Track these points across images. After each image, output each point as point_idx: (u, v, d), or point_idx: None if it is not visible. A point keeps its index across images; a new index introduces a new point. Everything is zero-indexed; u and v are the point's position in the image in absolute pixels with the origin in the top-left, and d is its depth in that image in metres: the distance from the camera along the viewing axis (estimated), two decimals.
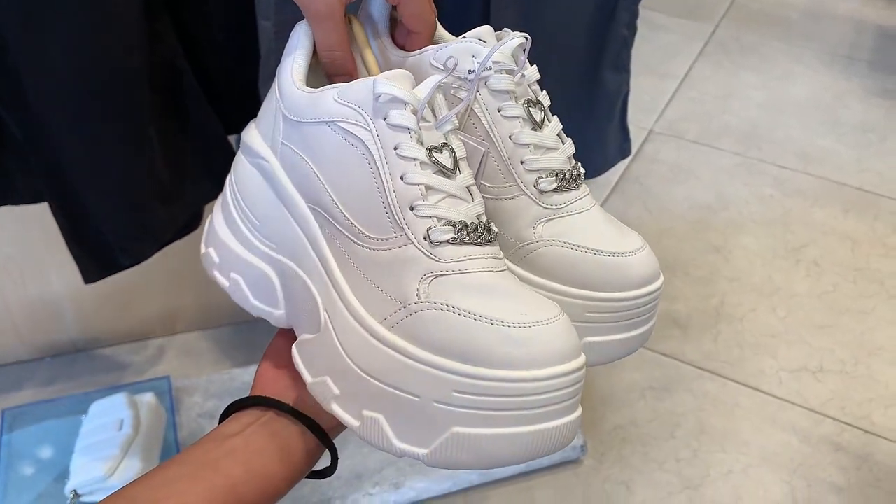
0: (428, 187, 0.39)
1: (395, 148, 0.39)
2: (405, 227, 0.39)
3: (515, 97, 0.45)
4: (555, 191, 0.44)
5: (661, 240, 1.31)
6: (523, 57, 0.45)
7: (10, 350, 1.03)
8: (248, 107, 0.57)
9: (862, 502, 0.95)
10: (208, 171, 0.72)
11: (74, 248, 0.70)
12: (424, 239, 0.38)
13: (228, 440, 0.40)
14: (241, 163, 0.48)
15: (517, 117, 0.44)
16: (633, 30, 0.79)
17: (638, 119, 1.55)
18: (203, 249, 0.49)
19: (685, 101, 1.65)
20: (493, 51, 0.43)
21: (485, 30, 0.45)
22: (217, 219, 0.49)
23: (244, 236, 0.47)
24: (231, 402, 0.43)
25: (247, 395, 0.43)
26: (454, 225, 0.39)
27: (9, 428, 0.93)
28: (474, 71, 0.44)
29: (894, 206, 1.41)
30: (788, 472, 0.98)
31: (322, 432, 0.42)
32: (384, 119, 0.40)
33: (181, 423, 0.95)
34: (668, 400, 1.06)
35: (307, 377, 0.40)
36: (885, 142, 1.59)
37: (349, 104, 0.41)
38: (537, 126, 0.45)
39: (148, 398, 0.92)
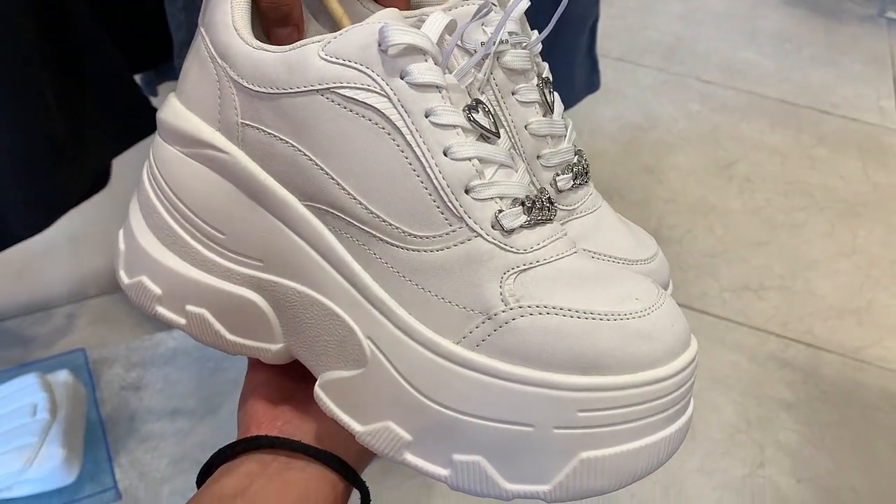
0: (481, 160, 0.31)
1: (428, 115, 0.31)
2: (465, 217, 0.30)
3: (530, 77, 0.37)
4: (571, 189, 0.37)
5: (593, 163, 1.26)
6: (527, 24, 0.37)
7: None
8: (157, 39, 0.47)
9: (811, 416, 0.96)
10: (113, 120, 0.62)
11: None
12: (493, 227, 0.30)
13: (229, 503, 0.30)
14: (169, 155, 0.36)
15: (533, 102, 0.36)
16: None
17: None
18: (125, 279, 0.37)
19: (606, 18, 1.60)
20: (507, 14, 0.34)
21: None
22: (140, 233, 0.37)
23: (200, 257, 0.35)
24: (218, 449, 0.33)
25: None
26: (522, 203, 0.31)
27: None
28: (486, 43, 0.34)
29: (815, 117, 1.41)
30: (738, 392, 0.98)
31: (351, 471, 0.34)
32: (403, 77, 0.30)
33: (103, 398, 0.87)
34: None
35: (355, 427, 0.31)
36: (801, 52, 1.58)
37: (347, 62, 0.31)
38: (549, 110, 0.37)
39: (63, 376, 0.82)
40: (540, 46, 0.38)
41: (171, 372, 0.91)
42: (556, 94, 0.38)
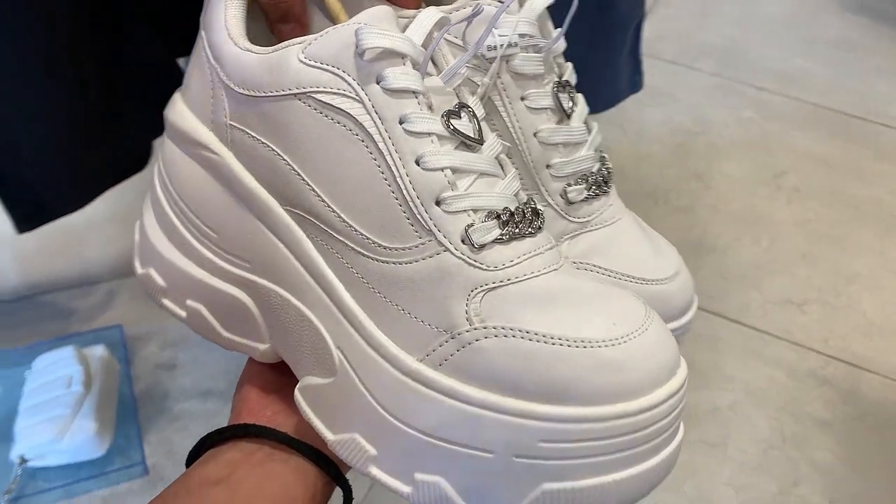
0: (455, 170, 0.30)
1: (402, 122, 0.29)
2: (434, 230, 0.29)
3: (542, 80, 0.35)
4: (585, 200, 0.36)
5: (640, 167, 1.25)
6: (549, 21, 0.35)
7: None
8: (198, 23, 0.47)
9: (848, 436, 0.93)
10: (154, 101, 0.62)
11: (2, 192, 0.60)
12: (463, 242, 0.29)
13: (210, 490, 0.30)
14: (172, 154, 0.36)
15: (545, 108, 0.35)
16: None
17: None
18: (139, 269, 0.38)
19: (661, 19, 1.57)
20: (496, 18, 0.32)
21: None
22: (151, 227, 0.38)
23: (198, 255, 0.36)
24: (208, 433, 0.34)
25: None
26: (497, 216, 0.30)
27: None
28: (495, 47, 0.33)
29: (873, 129, 1.37)
30: (775, 407, 0.95)
31: (333, 466, 0.34)
32: (379, 83, 0.29)
33: (137, 375, 0.88)
34: None
35: (327, 434, 0.31)
36: (862, 61, 1.53)
37: (324, 65, 0.30)
38: (566, 116, 0.35)
39: (99, 351, 0.84)
40: (561, 48, 0.36)
41: (204, 353, 0.92)
42: (579, 97, 0.37)
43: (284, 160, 0.31)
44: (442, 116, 0.30)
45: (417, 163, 0.29)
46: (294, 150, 0.31)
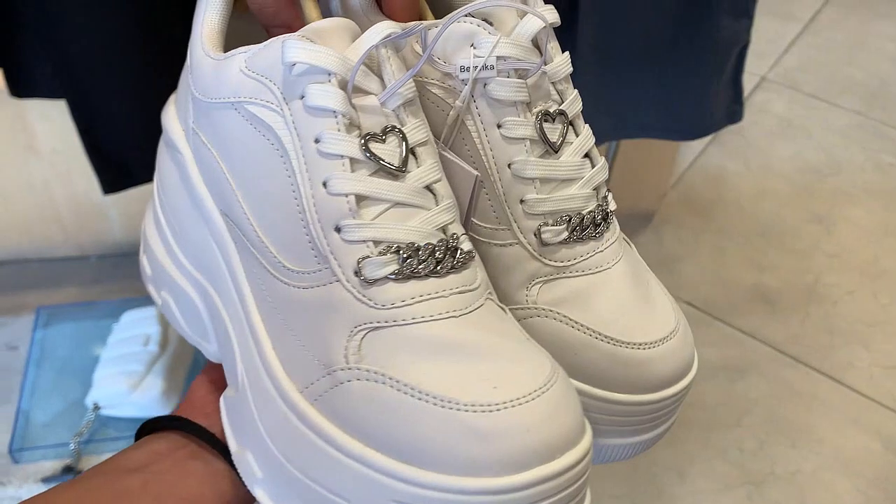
0: (360, 197, 0.28)
1: (317, 141, 0.28)
2: (330, 258, 0.28)
3: (526, 108, 0.32)
4: (564, 242, 0.32)
5: (758, 202, 1.18)
6: (552, 43, 0.32)
7: (54, 246, 1.01)
8: None
9: None
10: None
11: (92, 154, 0.63)
12: (356, 274, 0.27)
13: (125, 478, 0.30)
14: (161, 149, 0.37)
15: (523, 139, 0.32)
16: None
17: (750, 64, 1.39)
18: (140, 254, 0.39)
19: (807, 48, 1.48)
20: (437, 37, 0.30)
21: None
22: (147, 220, 0.38)
23: (170, 247, 0.36)
24: (149, 418, 0.34)
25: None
26: (398, 251, 0.27)
27: (43, 326, 0.90)
28: (468, 68, 0.31)
29: None
30: (865, 480, 0.88)
31: None
32: (301, 98, 0.28)
33: None
34: (740, 383, 0.96)
35: (232, 444, 0.30)
36: None
37: (259, 76, 0.29)
38: (552, 150, 0.32)
39: None
40: (562, 73, 0.33)
41: None
42: (584, 129, 0.33)
43: (221, 167, 0.31)
44: (361, 139, 0.28)
45: (325, 185, 0.28)
46: (227, 157, 0.31)
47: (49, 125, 0.89)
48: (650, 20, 0.60)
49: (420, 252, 0.28)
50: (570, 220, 0.32)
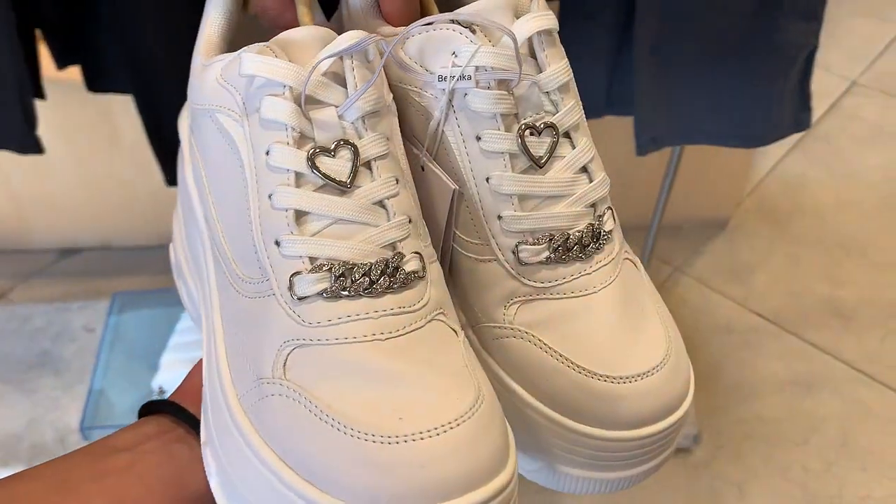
0: (300, 213, 0.28)
1: (267, 153, 0.28)
2: (270, 270, 0.28)
3: (515, 119, 0.30)
4: (545, 262, 0.30)
5: (840, 212, 1.13)
6: (550, 50, 0.30)
7: (133, 235, 1.05)
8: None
9: None
10: None
11: (155, 145, 0.66)
12: (288, 289, 0.27)
13: (111, 457, 0.31)
14: (182, 147, 0.39)
15: (502, 153, 0.30)
16: None
17: (840, 66, 1.33)
18: (169, 245, 0.41)
19: None
20: (391, 47, 0.29)
21: (491, 3, 0.30)
22: (175, 213, 0.40)
23: (183, 242, 0.37)
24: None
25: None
26: (331, 269, 0.27)
27: (117, 311, 0.95)
28: (446, 78, 0.29)
29: None
30: None
31: None
32: (258, 111, 0.28)
33: None
34: (809, 399, 0.92)
35: (202, 434, 0.31)
36: None
37: (228, 86, 0.29)
38: (536, 165, 0.30)
39: None
40: (556, 83, 0.31)
41: None
42: (581, 142, 0.31)
43: (202, 172, 0.32)
44: (307, 153, 0.28)
45: (270, 198, 0.28)
46: (206, 163, 0.31)
47: (130, 119, 0.93)
48: (712, 21, 0.58)
49: (354, 271, 0.27)
50: (551, 239, 0.30)
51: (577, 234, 0.31)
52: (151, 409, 0.34)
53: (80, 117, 0.93)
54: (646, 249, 0.87)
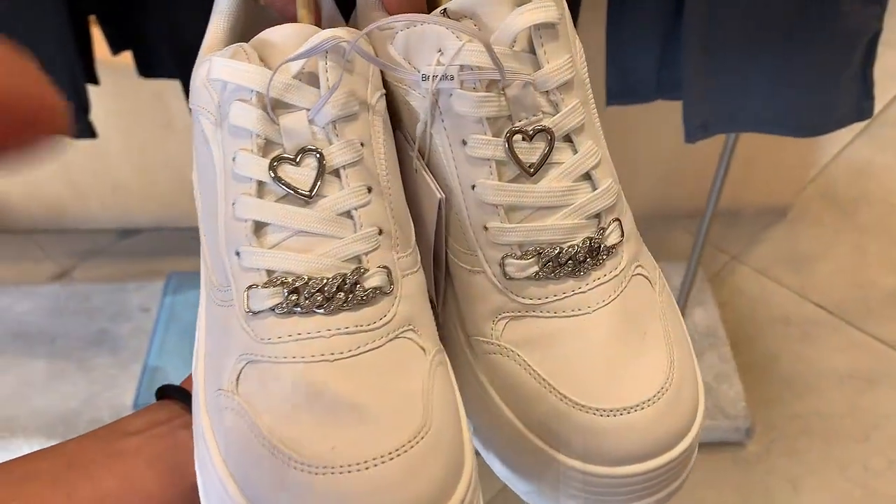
0: (260, 224, 0.26)
1: (234, 160, 0.27)
2: (231, 281, 0.27)
3: (508, 121, 0.28)
4: (534, 278, 0.28)
5: (887, 209, 1.08)
6: (551, 44, 0.28)
7: (188, 216, 1.07)
8: None
9: None
10: None
11: None
12: (245, 302, 0.26)
13: (122, 440, 0.31)
14: None
15: (488, 160, 0.28)
16: None
17: None
18: None
19: None
20: (348, 50, 0.27)
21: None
22: None
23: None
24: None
25: None
26: (285, 283, 0.26)
27: (172, 291, 0.97)
28: (428, 77, 0.27)
29: None
30: None
31: None
32: (228, 117, 0.27)
33: None
34: (870, 394, 0.89)
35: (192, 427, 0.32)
36: None
37: (211, 88, 0.28)
38: (526, 173, 0.27)
39: None
40: (563, 81, 0.28)
41: None
42: (584, 146, 0.28)
43: (196, 172, 0.32)
44: (271, 162, 0.27)
45: (233, 206, 0.27)
46: (195, 162, 0.30)
47: (183, 104, 0.94)
48: (764, 5, 0.56)
49: (309, 286, 0.26)
50: (540, 253, 0.28)
51: (571, 248, 0.28)
52: (165, 393, 0.35)
53: (135, 102, 0.95)
54: (699, 237, 0.85)
